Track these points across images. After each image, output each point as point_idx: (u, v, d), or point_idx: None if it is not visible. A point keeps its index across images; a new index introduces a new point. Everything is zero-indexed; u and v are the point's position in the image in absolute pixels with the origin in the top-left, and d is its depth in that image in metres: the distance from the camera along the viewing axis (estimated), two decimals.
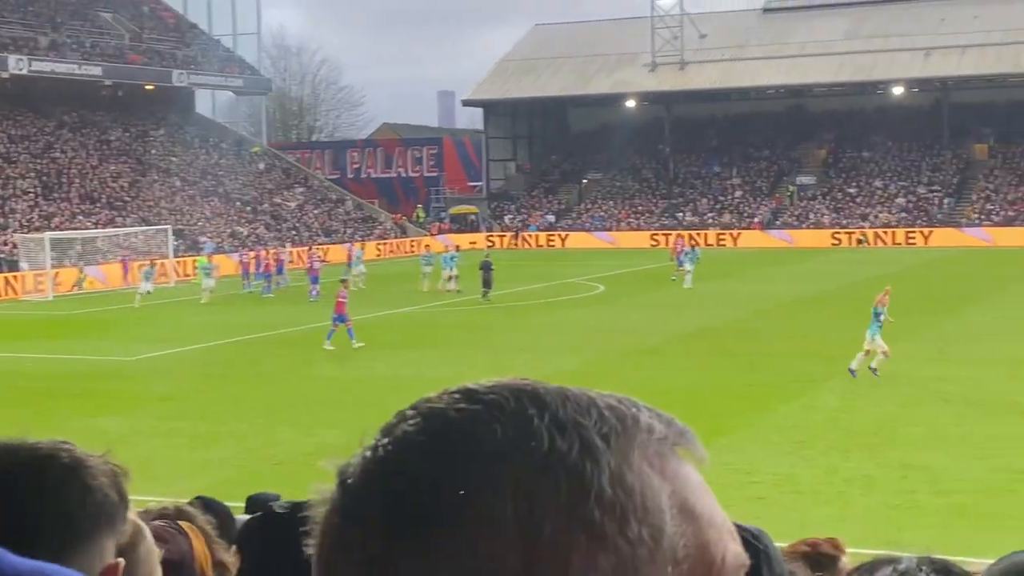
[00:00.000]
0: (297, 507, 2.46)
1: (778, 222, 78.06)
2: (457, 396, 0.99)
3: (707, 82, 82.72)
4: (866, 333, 24.12)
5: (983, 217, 73.70)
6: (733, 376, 24.91)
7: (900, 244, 71.58)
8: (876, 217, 76.30)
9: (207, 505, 3.77)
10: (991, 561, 2.60)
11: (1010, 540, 13.50)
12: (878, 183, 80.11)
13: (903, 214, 76.29)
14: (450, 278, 45.46)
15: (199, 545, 2.86)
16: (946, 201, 76.54)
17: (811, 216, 78.19)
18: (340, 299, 31.62)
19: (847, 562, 4.13)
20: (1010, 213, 73.47)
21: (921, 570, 1.75)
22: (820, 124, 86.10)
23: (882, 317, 24.26)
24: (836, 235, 73.95)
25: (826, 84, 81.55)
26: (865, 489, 15.83)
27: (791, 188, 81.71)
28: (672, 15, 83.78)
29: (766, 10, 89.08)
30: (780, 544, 6.78)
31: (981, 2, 79.97)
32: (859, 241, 72.58)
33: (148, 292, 44.87)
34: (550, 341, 31.41)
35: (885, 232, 73.27)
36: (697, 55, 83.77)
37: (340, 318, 31.24)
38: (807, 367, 25.75)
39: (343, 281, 34.58)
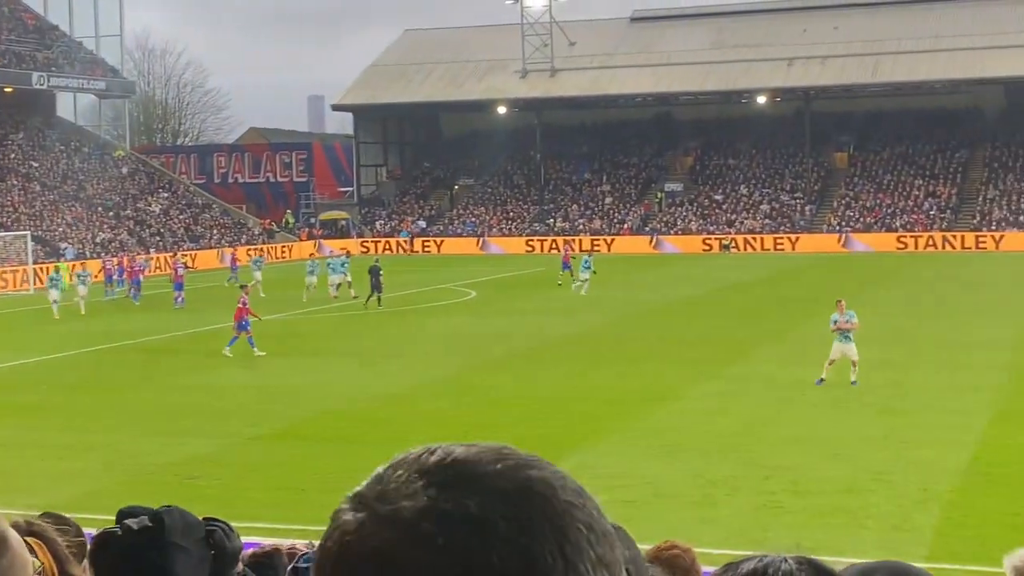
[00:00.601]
0: (154, 520, 2.44)
1: (647, 228, 79.12)
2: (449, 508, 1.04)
3: (577, 89, 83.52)
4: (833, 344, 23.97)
5: (843, 223, 75.68)
6: (605, 381, 25.16)
7: (769, 250, 73.15)
8: (742, 223, 77.84)
9: (57, 520, 3.71)
10: (851, 561, 2.71)
11: (867, 538, 13.94)
12: (743, 190, 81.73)
13: (767, 220, 77.96)
14: (340, 284, 44.99)
15: (47, 561, 2.83)
16: (808, 208, 78.42)
17: (679, 222, 79.43)
18: (241, 305, 30.76)
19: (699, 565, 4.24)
20: (869, 219, 75.59)
21: (785, 561, 1.83)
22: (687, 132, 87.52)
23: (837, 324, 24.10)
24: (707, 240, 75.22)
25: (692, 93, 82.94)
26: (731, 491, 16.13)
27: (659, 195, 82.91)
28: (542, 23, 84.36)
29: (633, 19, 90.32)
30: (644, 547, 6.91)
31: (841, 13, 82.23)
32: (725, 247, 73.93)
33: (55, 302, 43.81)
34: (422, 348, 31.37)
35: (754, 238, 74.80)
36: (567, 63, 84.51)
37: (242, 325, 30.50)
38: (677, 372, 26.15)
39: (243, 287, 33.66)
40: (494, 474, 1.05)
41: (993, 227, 71.95)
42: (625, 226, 79.78)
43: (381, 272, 41.85)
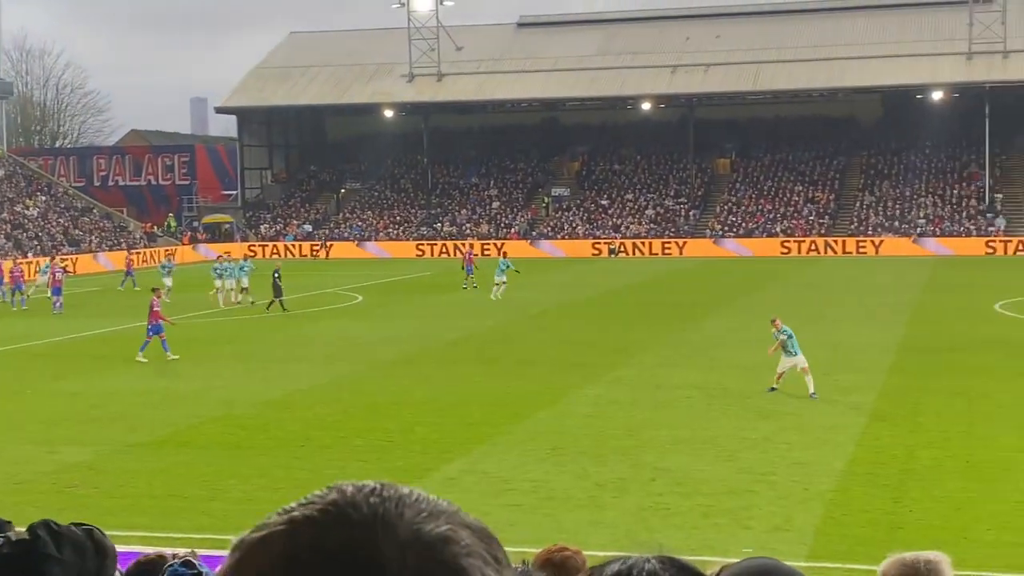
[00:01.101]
0: (29, 533, 2.38)
1: (534, 232, 79.47)
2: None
3: (464, 94, 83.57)
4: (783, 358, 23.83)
5: (726, 228, 76.87)
6: (491, 384, 25.18)
7: (657, 254, 74.01)
8: (627, 228, 78.61)
9: None
10: (734, 560, 2.73)
11: (751, 538, 14.14)
12: (629, 195, 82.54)
13: (652, 225, 78.85)
14: (243, 289, 44.49)
15: None
16: (692, 213, 79.50)
17: (566, 227, 79.92)
18: (154, 308, 30.30)
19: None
20: (751, 224, 76.88)
21: (648, 561, 1.84)
22: (574, 137, 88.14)
23: (781, 338, 24.01)
24: (596, 245, 75.80)
25: (579, 98, 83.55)
26: (617, 493, 16.25)
27: (546, 199, 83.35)
28: (429, 27, 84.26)
29: (520, 25, 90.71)
30: (533, 550, 6.92)
31: (723, 22, 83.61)
32: (612, 251, 74.59)
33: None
34: (307, 353, 31.08)
35: (643, 243, 75.59)
36: (454, 67, 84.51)
37: (155, 328, 30.01)
38: (563, 374, 26.27)
39: (155, 290, 32.97)
40: None
41: (869, 232, 73.69)
42: (512, 231, 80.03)
43: (277, 275, 41.49)
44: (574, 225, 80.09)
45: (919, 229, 73.47)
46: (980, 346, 29.61)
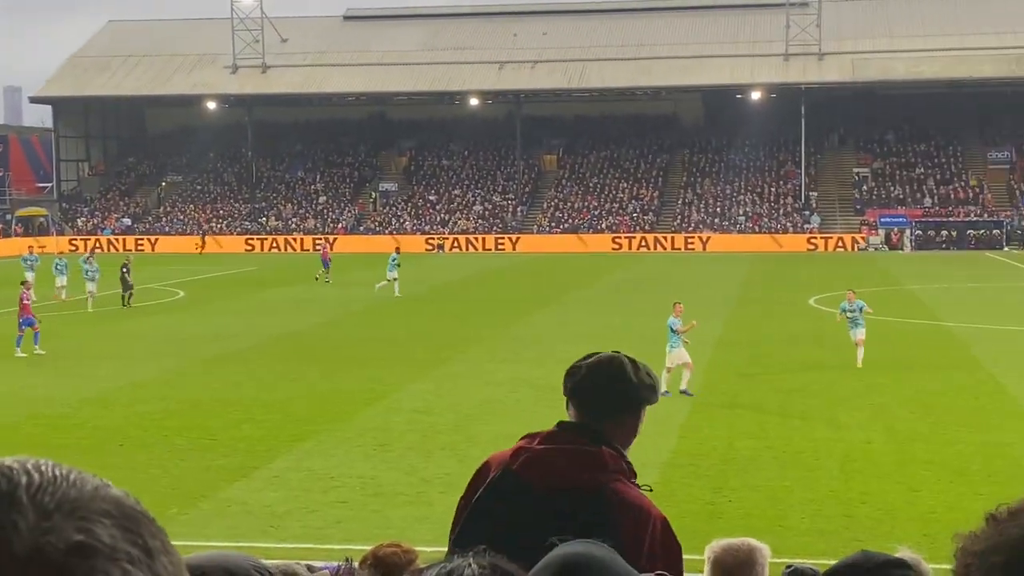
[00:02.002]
0: None
1: (361, 228, 78.98)
2: None
3: (289, 87, 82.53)
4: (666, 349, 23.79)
5: (553, 224, 77.68)
6: (318, 381, 24.91)
7: (490, 249, 74.37)
8: (455, 224, 78.76)
9: None
10: (563, 553, 2.71)
11: None
12: (457, 191, 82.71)
13: (480, 221, 79.17)
14: (61, 287, 43.05)
15: None
16: (520, 209, 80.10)
17: (394, 222, 79.66)
18: (25, 301, 29.43)
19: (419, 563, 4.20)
20: (577, 221, 77.85)
21: (470, 565, 1.79)
22: (401, 132, 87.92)
23: (677, 329, 24.05)
24: (429, 240, 75.71)
25: (405, 93, 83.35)
26: (445, 488, 16.20)
27: (374, 194, 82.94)
28: (253, 18, 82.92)
29: (347, 18, 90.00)
30: (361, 547, 6.83)
31: (549, 20, 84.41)
32: (437, 247, 74.62)
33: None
34: (128, 349, 30.26)
35: (476, 238, 75.80)
36: (279, 59, 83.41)
37: (27, 321, 29.12)
38: (391, 370, 26.14)
39: (24, 283, 31.66)
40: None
41: (691, 229, 75.41)
42: (340, 225, 79.40)
43: (126, 270, 40.49)
44: (402, 220, 79.90)
45: (739, 226, 75.50)
46: (795, 339, 30.55)
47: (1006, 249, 69.31)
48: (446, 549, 3.78)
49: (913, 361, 26.80)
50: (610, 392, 3.90)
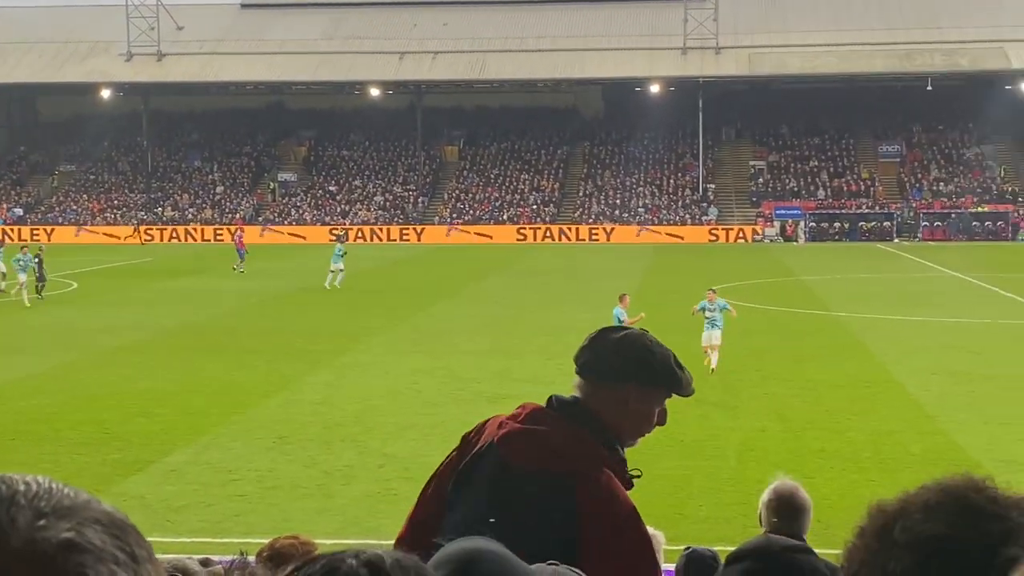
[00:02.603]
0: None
1: (260, 219, 78.18)
2: None
3: (185, 75, 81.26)
4: None
5: (455, 216, 77.64)
6: (216, 373, 24.64)
7: (395, 240, 74.13)
8: (356, 215, 78.34)
9: None
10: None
11: None
12: (357, 182, 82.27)
13: (381, 212, 78.86)
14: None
15: None
16: (421, 200, 79.92)
17: (293, 212, 78.99)
18: None
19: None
20: (479, 212, 77.91)
21: (347, 561, 1.78)
22: (300, 122, 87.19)
23: (624, 320, 24.02)
24: (334, 231, 75.17)
25: (305, 82, 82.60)
26: (345, 480, 16.17)
27: (272, 185, 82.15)
28: (148, 5, 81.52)
29: (244, 6, 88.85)
30: (260, 540, 6.78)
31: (450, 10, 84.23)
32: (338, 237, 74.07)
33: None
34: (20, 342, 29.63)
35: (380, 229, 75.44)
36: (175, 47, 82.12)
37: None
38: (290, 362, 25.95)
39: None
40: None
41: (592, 220, 75.91)
42: (238, 216, 78.51)
43: (38, 260, 39.55)
44: (301, 211, 79.26)
45: (638, 218, 76.18)
46: (693, 329, 30.90)
47: (896, 241, 70.88)
48: (348, 541, 3.78)
49: (806, 351, 27.30)
50: (597, 355, 3.79)
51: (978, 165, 79.43)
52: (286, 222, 77.24)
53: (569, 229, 74.23)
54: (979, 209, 74.25)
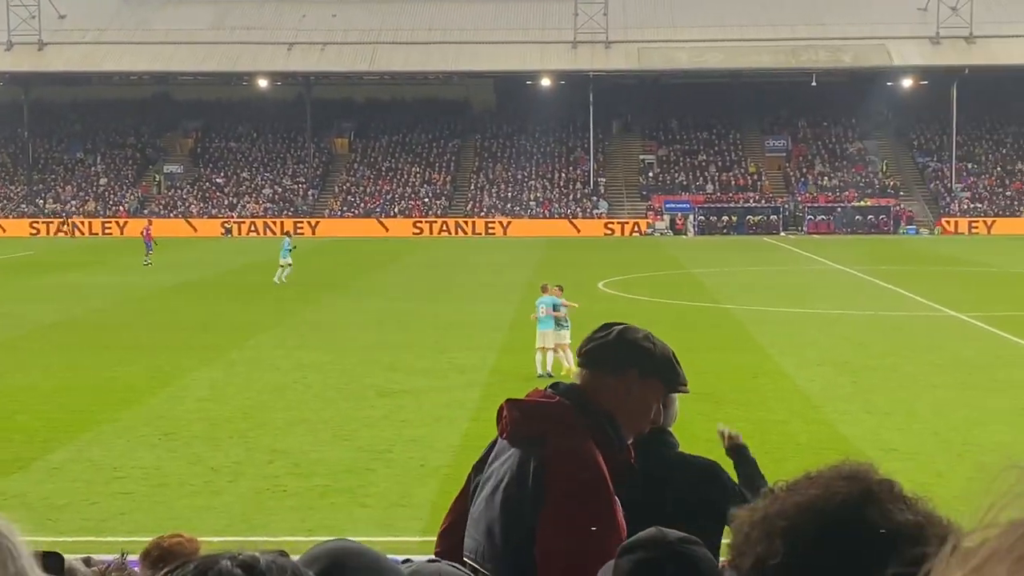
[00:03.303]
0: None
1: (145, 211, 76.81)
2: None
3: (67, 65, 79.44)
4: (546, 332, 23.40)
5: (345, 208, 77.09)
6: (99, 370, 24.10)
7: (289, 232, 73.41)
8: (244, 207, 77.38)
9: None
10: (318, 540, 2.67)
11: (368, 516, 14.21)
12: (245, 174, 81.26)
13: (270, 204, 77.99)
14: None
15: None
16: (311, 192, 79.21)
17: (179, 205, 77.76)
18: None
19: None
20: (370, 205, 77.47)
21: (222, 560, 1.72)
22: (187, 113, 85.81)
23: (563, 311, 23.29)
24: (225, 223, 74.22)
25: (191, 73, 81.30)
26: (233, 477, 15.93)
27: (158, 177, 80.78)
28: None
29: None
30: (145, 539, 6.60)
31: (340, 1, 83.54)
32: (226, 230, 73.19)
33: None
34: None
35: (274, 221, 74.59)
36: (56, 36, 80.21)
37: None
38: (177, 358, 25.50)
39: None
40: None
41: (483, 214, 75.96)
42: (122, 209, 77.04)
43: None
44: (188, 203, 78.04)
45: (530, 211, 76.43)
46: (584, 322, 31.07)
47: (782, 234, 72.11)
48: (236, 539, 3.69)
49: (696, 343, 27.57)
50: (599, 346, 3.86)
51: (861, 160, 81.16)
52: (172, 215, 75.99)
53: (466, 222, 74.17)
54: (862, 203, 75.88)
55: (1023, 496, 1.00)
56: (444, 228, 73.91)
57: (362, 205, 77.45)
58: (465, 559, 3.88)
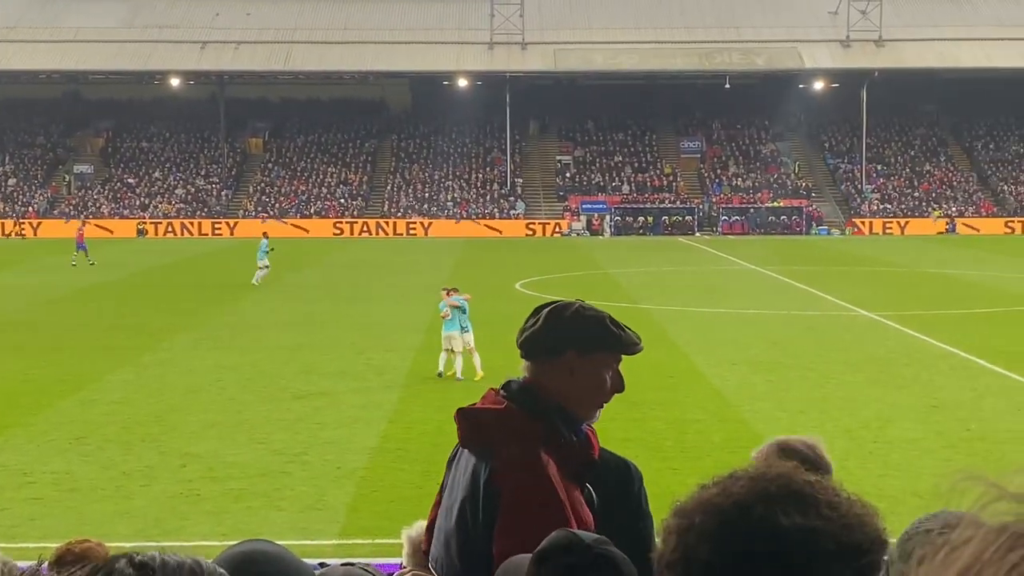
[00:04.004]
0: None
1: (56, 212, 75.51)
2: None
3: None
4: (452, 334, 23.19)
5: (259, 209, 76.40)
6: (9, 372, 23.65)
7: (207, 234, 72.64)
8: (156, 208, 76.39)
9: None
10: (231, 544, 2.64)
11: (283, 519, 14.09)
12: (157, 174, 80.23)
13: (182, 205, 77.06)
14: None
15: None
16: (225, 193, 78.40)
17: (90, 206, 76.55)
18: None
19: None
20: (285, 205, 76.86)
21: (119, 560, 1.69)
22: (98, 112, 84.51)
23: (460, 303, 23.32)
24: (141, 223, 73.29)
25: (102, 72, 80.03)
26: (146, 481, 15.71)
27: (68, 177, 79.44)
28: None
29: None
30: (53, 545, 6.48)
31: (254, 0, 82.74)
32: (140, 231, 72.20)
33: None
34: None
35: (191, 223, 73.74)
36: None
37: None
38: (89, 360, 25.09)
39: None
40: None
41: (400, 214, 75.74)
42: (31, 210, 75.66)
43: None
44: (99, 204, 76.86)
45: (447, 212, 76.35)
46: (502, 322, 31.11)
47: (698, 235, 72.80)
48: (148, 544, 3.64)
49: None
50: (533, 334, 3.81)
51: (773, 161, 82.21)
52: (82, 216, 74.78)
53: (387, 223, 73.80)
54: (775, 204, 76.86)
55: (996, 503, 1.02)
56: (365, 229, 73.54)
57: (277, 206, 76.83)
58: (430, 566, 3.86)
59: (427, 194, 78.27)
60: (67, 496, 15.00)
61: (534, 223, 74.41)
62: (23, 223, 72.99)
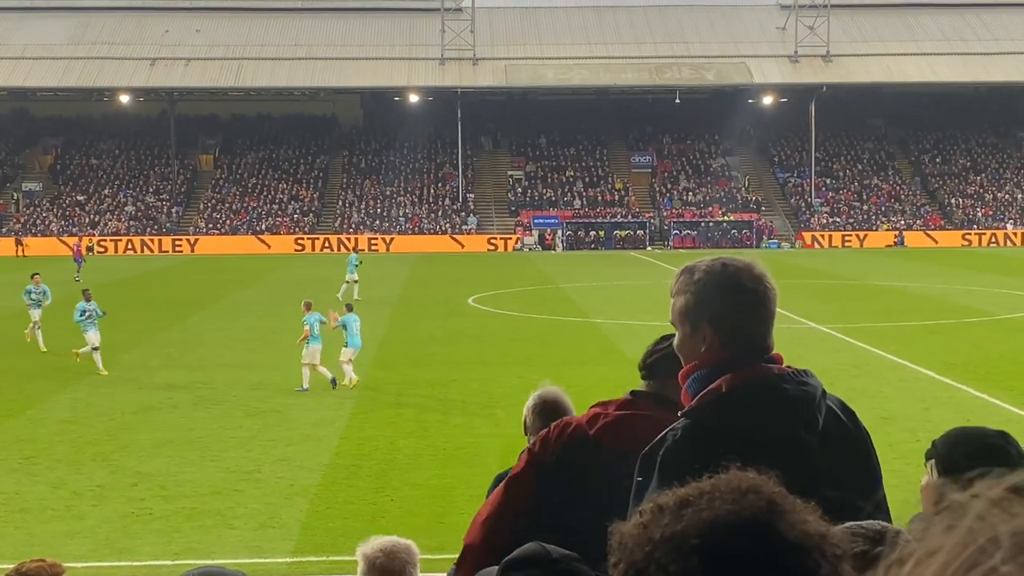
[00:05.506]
0: None
1: (3, 230, 74.73)
2: None
3: None
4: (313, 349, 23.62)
5: (211, 226, 75.98)
6: None
7: (167, 251, 72.24)
8: (106, 225, 75.79)
9: None
10: (220, 563, 2.65)
11: (236, 538, 14.01)
12: (107, 191, 79.62)
13: (133, 222, 76.52)
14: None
15: None
16: (175, 210, 77.90)
17: (39, 223, 75.83)
18: None
19: None
20: (236, 222, 76.49)
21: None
22: (46, 129, 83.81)
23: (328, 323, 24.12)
24: (102, 242, 72.50)
25: (50, 89, 79.40)
26: (97, 501, 15.58)
27: (16, 195, 78.68)
28: None
29: None
30: (5, 566, 6.44)
31: (203, 16, 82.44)
32: (87, 248, 71.52)
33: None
34: None
35: (152, 240, 73.18)
36: None
37: None
38: (37, 380, 24.85)
39: None
40: None
41: (352, 230, 75.54)
42: None
43: None
44: (48, 222, 76.16)
45: (399, 227, 76.27)
46: (455, 338, 31.14)
47: (649, 249, 73.14)
48: (100, 564, 3.64)
49: (566, 357, 27.83)
50: (667, 361, 4.26)
51: (724, 175, 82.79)
52: (32, 233, 74.05)
53: (348, 238, 73.49)
54: (726, 218, 77.39)
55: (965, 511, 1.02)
56: (327, 245, 73.27)
57: (227, 223, 76.44)
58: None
59: (379, 210, 78.16)
60: (16, 516, 14.85)
61: (496, 238, 74.49)
62: (19, 240, 72.15)
